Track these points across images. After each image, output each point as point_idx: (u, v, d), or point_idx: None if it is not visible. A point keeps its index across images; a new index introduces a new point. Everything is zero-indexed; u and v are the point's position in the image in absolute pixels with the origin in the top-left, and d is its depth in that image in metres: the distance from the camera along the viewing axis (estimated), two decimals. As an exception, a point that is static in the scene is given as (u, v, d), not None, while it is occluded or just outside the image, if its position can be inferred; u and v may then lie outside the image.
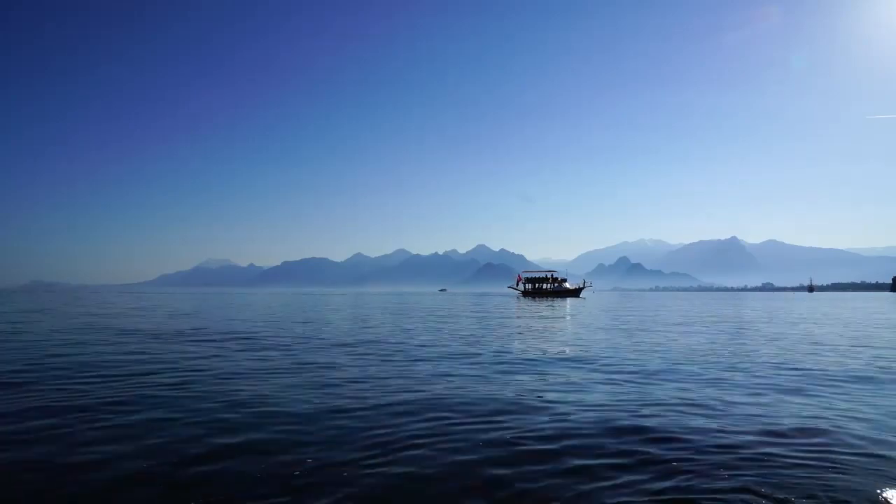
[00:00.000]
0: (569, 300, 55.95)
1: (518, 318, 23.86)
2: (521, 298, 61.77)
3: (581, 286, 75.07)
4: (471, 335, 14.93)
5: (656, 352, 11.16)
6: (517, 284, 78.11)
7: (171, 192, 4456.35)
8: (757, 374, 8.33)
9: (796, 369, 8.83)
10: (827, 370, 8.78)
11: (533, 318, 23.69)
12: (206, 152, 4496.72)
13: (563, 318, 23.89)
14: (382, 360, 9.67)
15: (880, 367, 9.15)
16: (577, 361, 9.65)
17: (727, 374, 8.24)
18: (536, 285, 75.62)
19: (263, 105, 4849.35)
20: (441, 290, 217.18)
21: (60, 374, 8.16)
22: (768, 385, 7.36)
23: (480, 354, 10.63)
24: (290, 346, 12.07)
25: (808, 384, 7.47)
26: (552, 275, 75.28)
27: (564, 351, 11.29)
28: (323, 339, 13.63)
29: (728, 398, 6.45)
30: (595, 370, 8.62)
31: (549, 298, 61.76)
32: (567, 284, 74.56)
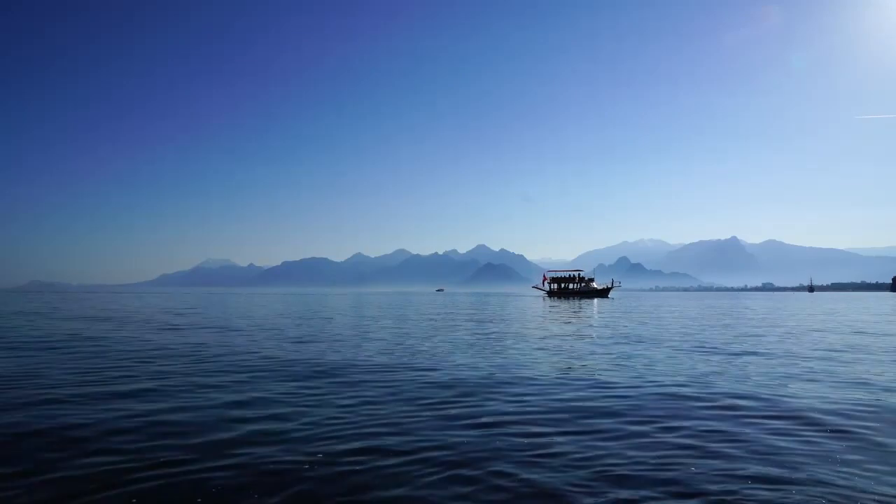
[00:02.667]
0: (596, 301, 53.16)
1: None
2: (547, 299, 59.23)
3: (609, 286, 72.28)
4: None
5: None
6: (543, 284, 75.89)
7: (171, 192, 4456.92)
8: None
9: None
10: None
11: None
12: (206, 152, 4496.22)
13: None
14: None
15: None
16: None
17: None
18: (562, 285, 73.49)
19: (263, 105, 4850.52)
20: (438, 290, 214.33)
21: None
22: None
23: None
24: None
25: None
26: (579, 274, 73.09)
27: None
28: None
29: None
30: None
31: (576, 299, 59.11)
32: (594, 284, 72.12)
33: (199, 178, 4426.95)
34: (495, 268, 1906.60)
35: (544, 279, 75.96)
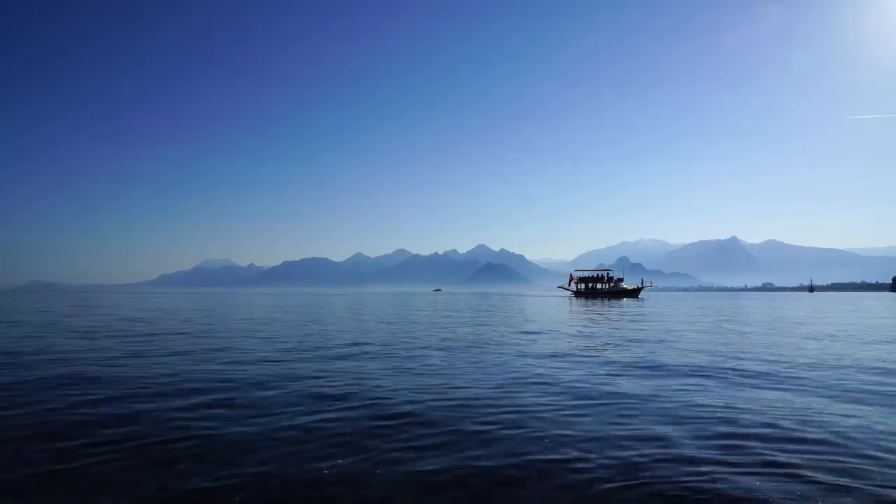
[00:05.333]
0: (625, 301, 50.92)
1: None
2: (574, 300, 56.75)
3: (639, 286, 69.65)
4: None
5: None
6: (569, 284, 73.35)
7: (171, 192, 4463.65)
8: None
9: None
10: None
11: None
12: (206, 152, 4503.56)
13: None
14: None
15: None
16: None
17: None
18: (590, 285, 70.98)
19: (264, 105, 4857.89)
20: (436, 290, 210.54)
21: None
22: None
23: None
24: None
25: None
26: (607, 274, 70.71)
27: None
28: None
29: None
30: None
31: (604, 300, 56.08)
32: (624, 284, 69.54)
33: (199, 178, 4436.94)
34: (495, 268, 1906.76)
35: (571, 279, 73.44)
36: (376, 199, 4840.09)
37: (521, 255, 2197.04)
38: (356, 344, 12.43)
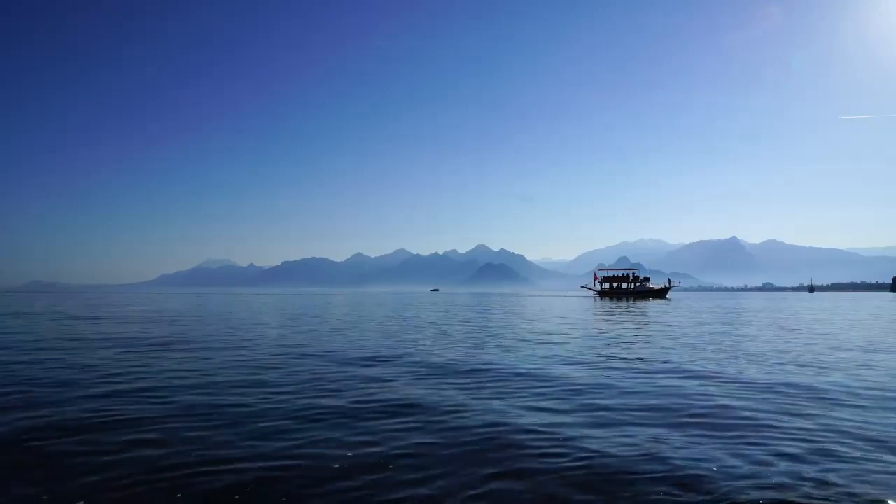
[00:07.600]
0: (651, 301, 48.90)
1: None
2: (599, 300, 54.24)
3: (667, 286, 66.53)
4: None
5: None
6: (594, 283, 71.31)
7: (171, 192, 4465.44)
8: None
9: None
10: None
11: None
12: (206, 152, 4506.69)
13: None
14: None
15: None
16: None
17: None
18: (615, 285, 69.03)
19: (264, 105, 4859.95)
20: (433, 290, 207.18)
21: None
22: None
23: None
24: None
25: None
26: (633, 273, 68.81)
27: None
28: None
29: None
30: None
31: (630, 300, 53.41)
32: (650, 284, 67.34)
33: (199, 178, 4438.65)
34: (495, 268, 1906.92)
35: (595, 278, 71.53)
36: (376, 199, 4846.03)
37: (522, 256, 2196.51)
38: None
